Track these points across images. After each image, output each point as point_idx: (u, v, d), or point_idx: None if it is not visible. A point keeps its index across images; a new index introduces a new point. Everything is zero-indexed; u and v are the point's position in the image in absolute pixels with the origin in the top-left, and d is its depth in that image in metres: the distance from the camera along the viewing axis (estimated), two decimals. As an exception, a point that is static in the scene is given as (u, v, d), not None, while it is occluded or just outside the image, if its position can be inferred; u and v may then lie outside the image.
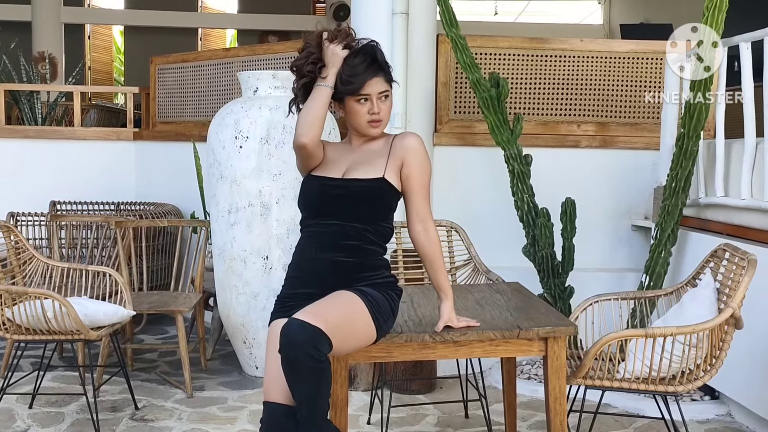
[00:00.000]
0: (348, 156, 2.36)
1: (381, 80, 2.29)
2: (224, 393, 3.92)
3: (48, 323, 3.19)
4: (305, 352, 2.01)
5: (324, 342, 2.04)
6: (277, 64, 4.95)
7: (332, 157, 2.38)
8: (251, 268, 3.92)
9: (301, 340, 2.01)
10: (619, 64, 4.62)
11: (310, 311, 2.09)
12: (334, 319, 2.10)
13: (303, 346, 2.01)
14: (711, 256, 2.84)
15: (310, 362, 2.02)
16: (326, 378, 2.09)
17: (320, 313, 2.09)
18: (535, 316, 2.54)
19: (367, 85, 2.26)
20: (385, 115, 2.32)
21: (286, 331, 2.04)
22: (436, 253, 2.37)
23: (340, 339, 2.11)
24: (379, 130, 2.33)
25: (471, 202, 4.50)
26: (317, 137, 2.26)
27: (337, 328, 2.09)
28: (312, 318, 2.05)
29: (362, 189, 2.28)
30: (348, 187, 2.29)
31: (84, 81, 12.17)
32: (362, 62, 2.26)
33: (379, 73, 2.29)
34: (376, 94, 2.28)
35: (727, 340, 2.52)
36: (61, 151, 5.94)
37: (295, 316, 2.06)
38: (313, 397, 2.09)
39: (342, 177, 2.31)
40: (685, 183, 3.64)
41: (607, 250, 4.58)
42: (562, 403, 2.41)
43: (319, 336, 2.03)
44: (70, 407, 3.65)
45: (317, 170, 2.35)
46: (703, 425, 3.46)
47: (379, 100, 2.29)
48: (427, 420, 3.56)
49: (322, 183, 2.31)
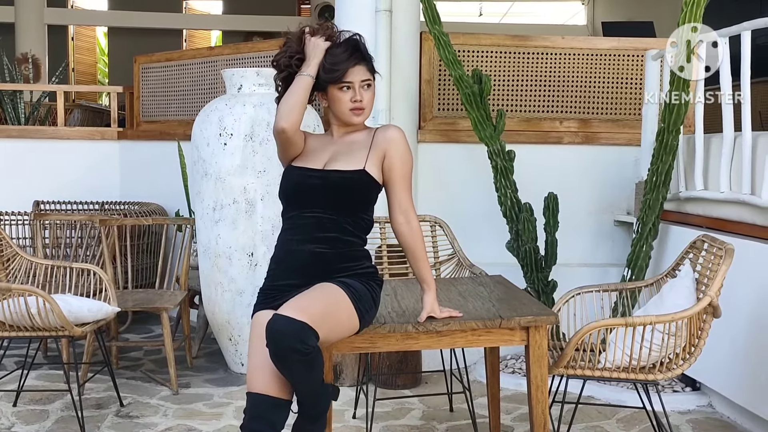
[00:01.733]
0: (329, 147, 2.38)
1: (363, 69, 2.32)
2: (210, 390, 3.92)
3: (32, 320, 3.18)
4: (293, 348, 2.04)
5: (310, 335, 2.06)
6: (262, 62, 4.96)
7: (313, 147, 2.40)
8: (236, 265, 3.93)
9: (288, 336, 2.03)
10: (601, 61, 4.67)
11: (295, 306, 2.11)
12: (319, 312, 2.12)
13: (290, 341, 2.03)
14: (690, 247, 2.88)
15: (298, 356, 2.05)
16: (317, 362, 2.12)
17: (305, 307, 2.10)
18: (517, 306, 2.57)
19: (349, 73, 2.29)
20: (367, 104, 2.34)
21: (272, 327, 2.06)
22: (419, 245, 2.39)
23: (325, 330, 2.14)
24: (361, 118, 2.35)
25: (455, 199, 4.53)
26: (297, 123, 2.27)
27: (321, 320, 2.11)
28: (297, 312, 2.07)
29: (342, 180, 2.30)
30: (328, 178, 2.30)
31: (67, 81, 12.09)
32: (345, 51, 2.30)
33: (362, 62, 2.32)
34: (358, 82, 2.31)
35: (706, 329, 2.56)
36: (44, 151, 5.92)
37: (280, 312, 2.08)
38: (308, 380, 2.13)
39: (323, 168, 2.32)
40: (665, 177, 3.69)
41: (590, 245, 4.62)
42: (543, 391, 2.43)
43: (306, 330, 2.05)
44: (55, 405, 3.65)
45: (298, 161, 2.37)
46: (684, 416, 3.50)
47: (362, 88, 2.32)
48: (413, 414, 3.58)
49: (302, 173, 2.33)
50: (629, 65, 4.67)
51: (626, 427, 3.37)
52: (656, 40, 4.77)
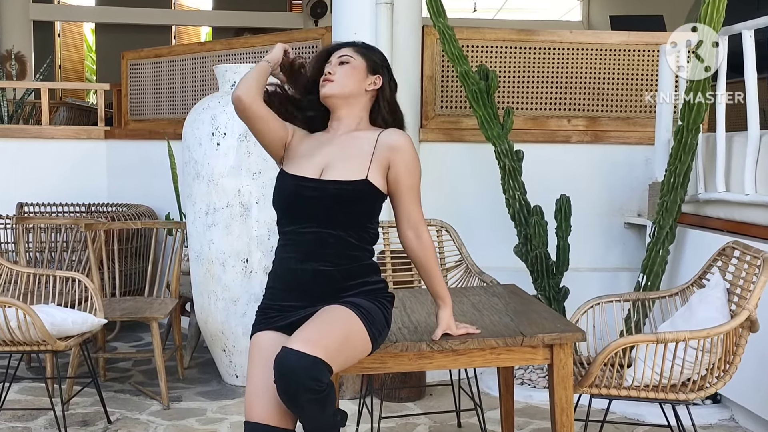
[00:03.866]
0: (326, 148, 2.15)
1: (346, 49, 2.23)
2: (203, 404, 3.71)
3: (12, 333, 2.97)
4: (306, 387, 1.82)
5: (324, 371, 1.85)
6: (254, 58, 4.74)
7: (309, 149, 2.17)
8: (230, 271, 3.72)
9: (300, 374, 1.82)
10: (611, 56, 4.47)
11: (306, 338, 1.88)
12: (333, 343, 1.91)
13: (302, 380, 1.82)
14: (718, 254, 2.69)
15: (311, 395, 1.84)
16: (330, 399, 1.90)
17: (317, 339, 1.89)
18: (538, 320, 2.37)
19: (333, 56, 2.22)
20: (339, 75, 2.17)
21: (281, 363, 1.84)
22: (431, 260, 2.18)
23: (340, 362, 1.95)
24: (330, 87, 2.16)
25: (458, 201, 4.33)
26: (253, 94, 2.09)
27: (336, 352, 1.91)
28: (309, 346, 1.85)
29: (340, 192, 2.06)
30: (324, 190, 2.07)
31: (54, 78, 11.83)
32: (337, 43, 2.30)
33: (349, 45, 2.25)
34: (336, 58, 2.21)
35: (742, 344, 2.37)
36: (28, 151, 5.69)
37: (291, 346, 1.85)
38: (320, 417, 1.92)
39: (319, 177, 2.10)
40: (683, 178, 3.50)
41: (600, 248, 4.43)
42: (569, 414, 2.24)
43: (319, 366, 1.84)
44: (38, 421, 3.43)
45: (292, 166, 2.15)
46: (706, 431, 3.31)
47: (338, 65, 2.19)
48: (418, 430, 3.38)
49: (296, 183, 2.10)
50: (640, 60, 4.48)
51: (646, 443, 3.19)
52: (668, 35, 4.57)
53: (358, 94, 2.18)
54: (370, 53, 2.24)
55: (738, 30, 3.26)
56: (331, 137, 2.19)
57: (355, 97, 2.18)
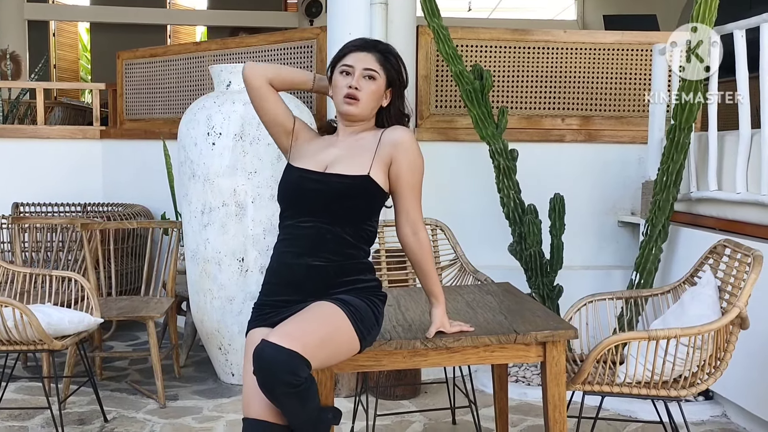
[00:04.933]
0: (333, 148, 2.19)
1: (370, 58, 2.15)
2: (199, 402, 3.73)
3: (8, 333, 2.98)
4: (281, 380, 1.85)
5: (302, 365, 1.86)
6: (250, 58, 4.75)
7: (317, 147, 2.21)
8: (226, 270, 3.74)
9: (276, 367, 1.84)
10: (604, 55, 4.50)
11: (287, 332, 1.91)
12: (313, 338, 1.93)
13: (278, 373, 1.84)
14: (710, 252, 2.71)
15: (288, 389, 1.86)
16: (310, 394, 1.92)
17: (298, 334, 1.91)
18: (531, 318, 2.39)
19: (351, 56, 2.15)
20: (365, 96, 2.13)
21: (259, 355, 1.86)
22: (427, 258, 2.20)
23: (321, 358, 1.95)
24: (353, 108, 2.14)
25: (453, 200, 4.35)
26: (267, 75, 2.17)
27: (317, 348, 1.92)
28: (288, 340, 1.87)
29: (342, 187, 2.09)
30: (327, 183, 2.10)
31: (49, 78, 11.81)
32: (356, 40, 2.21)
33: (371, 51, 2.16)
34: (360, 68, 2.13)
35: (732, 341, 2.39)
36: (23, 151, 5.69)
37: (270, 339, 1.88)
38: (301, 412, 1.93)
39: (323, 171, 2.13)
40: (676, 177, 3.53)
41: (594, 247, 4.46)
42: (561, 411, 2.26)
43: (296, 360, 1.86)
44: (35, 420, 3.44)
45: (298, 161, 2.18)
46: (698, 427, 3.34)
47: (363, 77, 2.13)
48: (413, 427, 3.41)
49: (301, 175, 2.14)
50: (633, 60, 4.50)
51: (639, 440, 3.22)
52: (661, 34, 4.60)
53: (375, 109, 2.21)
54: (390, 65, 2.18)
55: (730, 30, 3.29)
56: (338, 139, 2.22)
57: (371, 112, 2.21)
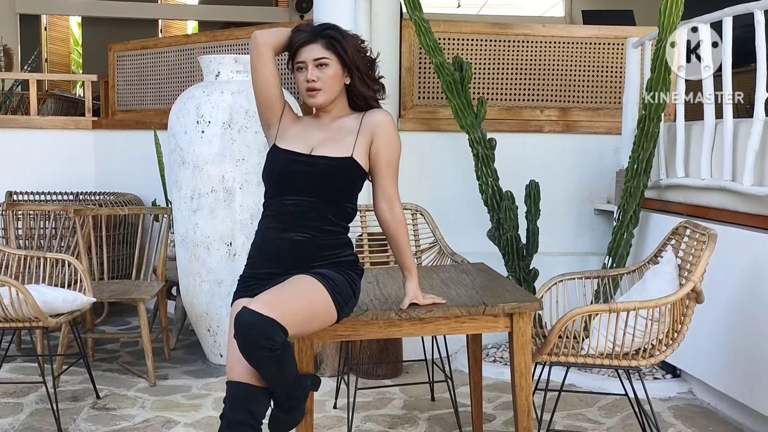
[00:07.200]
0: (317, 131, 2.33)
1: (317, 47, 2.25)
2: (188, 381, 3.87)
3: (4, 311, 3.11)
4: (258, 344, 2.00)
5: (277, 332, 2.01)
6: (239, 50, 4.89)
7: (302, 130, 2.34)
8: (215, 254, 3.87)
9: (254, 332, 1.99)
10: (582, 49, 4.65)
11: (265, 300, 2.06)
12: (290, 307, 2.08)
13: (255, 337, 1.99)
14: (672, 233, 2.87)
15: (264, 352, 2.01)
16: (286, 358, 2.08)
17: (275, 302, 2.06)
18: (501, 293, 2.54)
19: (300, 52, 2.26)
20: (324, 84, 2.25)
21: (239, 320, 2.02)
22: (401, 233, 2.35)
23: (297, 326, 2.10)
24: (317, 100, 2.27)
25: (436, 188, 4.50)
26: (271, 41, 2.27)
27: (293, 316, 2.07)
28: (265, 308, 2.02)
29: (328, 168, 2.24)
30: (314, 164, 2.25)
31: (41, 71, 11.87)
32: (303, 32, 2.27)
33: (316, 40, 2.25)
34: (311, 60, 2.25)
35: (689, 314, 2.55)
36: (16, 141, 5.79)
37: (249, 306, 2.03)
38: (277, 375, 2.09)
39: (309, 153, 2.27)
40: (646, 165, 3.68)
41: (571, 234, 4.61)
42: (527, 378, 2.41)
43: (273, 326, 2.00)
44: (29, 397, 3.57)
45: (284, 143, 2.32)
46: (665, 403, 3.50)
47: (316, 68, 2.25)
48: (394, 403, 3.55)
49: (288, 157, 2.28)
50: (609, 53, 4.66)
51: (608, 414, 3.37)
52: (636, 28, 4.77)
53: (340, 91, 2.33)
54: (337, 47, 2.26)
55: (695, 23, 3.44)
56: (319, 123, 2.34)
57: (338, 95, 2.33)
